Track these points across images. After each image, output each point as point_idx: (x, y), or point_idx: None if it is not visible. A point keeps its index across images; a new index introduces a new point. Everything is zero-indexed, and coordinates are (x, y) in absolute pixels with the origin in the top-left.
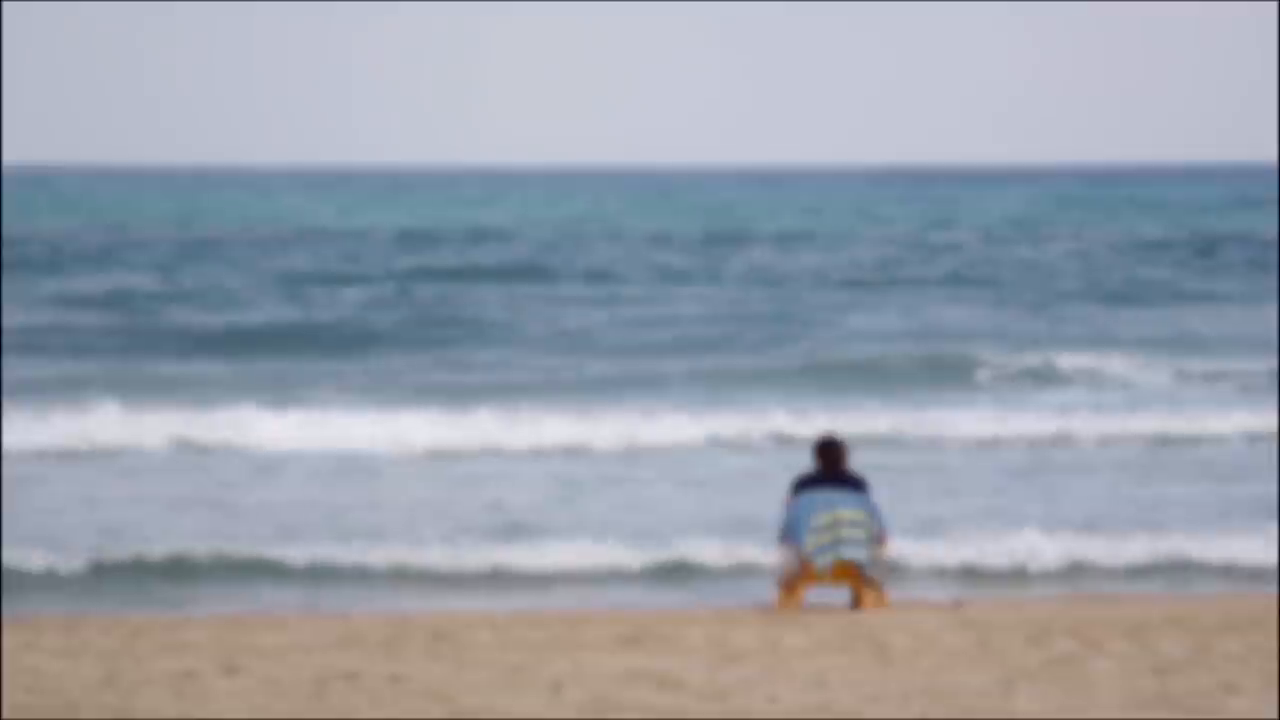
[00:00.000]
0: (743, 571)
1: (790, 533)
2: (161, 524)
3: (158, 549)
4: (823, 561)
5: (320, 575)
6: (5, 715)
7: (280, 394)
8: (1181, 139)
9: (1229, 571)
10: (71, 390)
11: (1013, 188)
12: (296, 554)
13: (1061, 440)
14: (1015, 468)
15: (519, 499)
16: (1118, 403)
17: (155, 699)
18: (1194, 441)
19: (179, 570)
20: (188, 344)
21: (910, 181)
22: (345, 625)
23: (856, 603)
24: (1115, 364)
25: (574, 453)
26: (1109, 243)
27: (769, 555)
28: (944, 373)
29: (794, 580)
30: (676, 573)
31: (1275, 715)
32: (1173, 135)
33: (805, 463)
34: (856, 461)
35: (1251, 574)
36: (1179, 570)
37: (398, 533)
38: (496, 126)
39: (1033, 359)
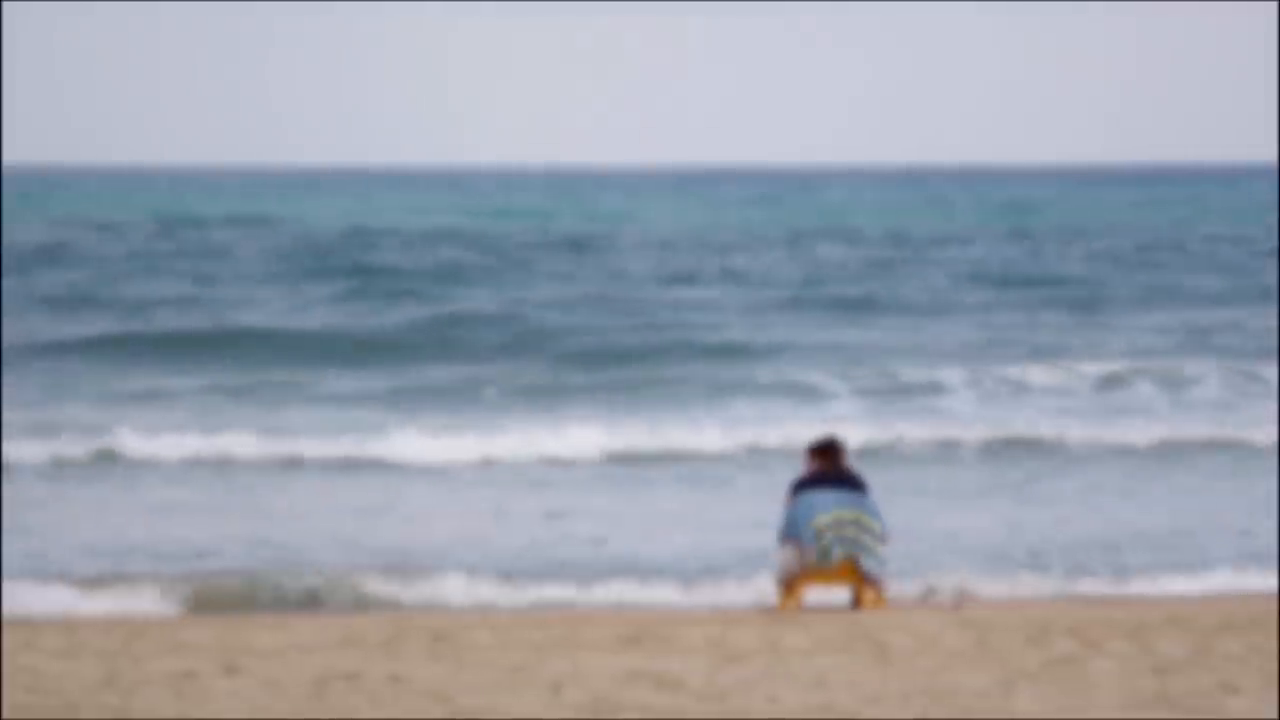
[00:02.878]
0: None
1: (790, 532)
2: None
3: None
4: (828, 558)
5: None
6: (5, 715)
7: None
8: (1182, 139)
9: None
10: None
11: (1011, 187)
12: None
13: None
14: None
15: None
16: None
17: (155, 699)
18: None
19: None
20: (184, 349)
21: (911, 180)
22: (345, 625)
23: (856, 603)
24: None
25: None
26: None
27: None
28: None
29: (794, 580)
30: None
31: (1275, 715)
32: (1174, 135)
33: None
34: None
35: None
36: None
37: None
38: (506, 128)
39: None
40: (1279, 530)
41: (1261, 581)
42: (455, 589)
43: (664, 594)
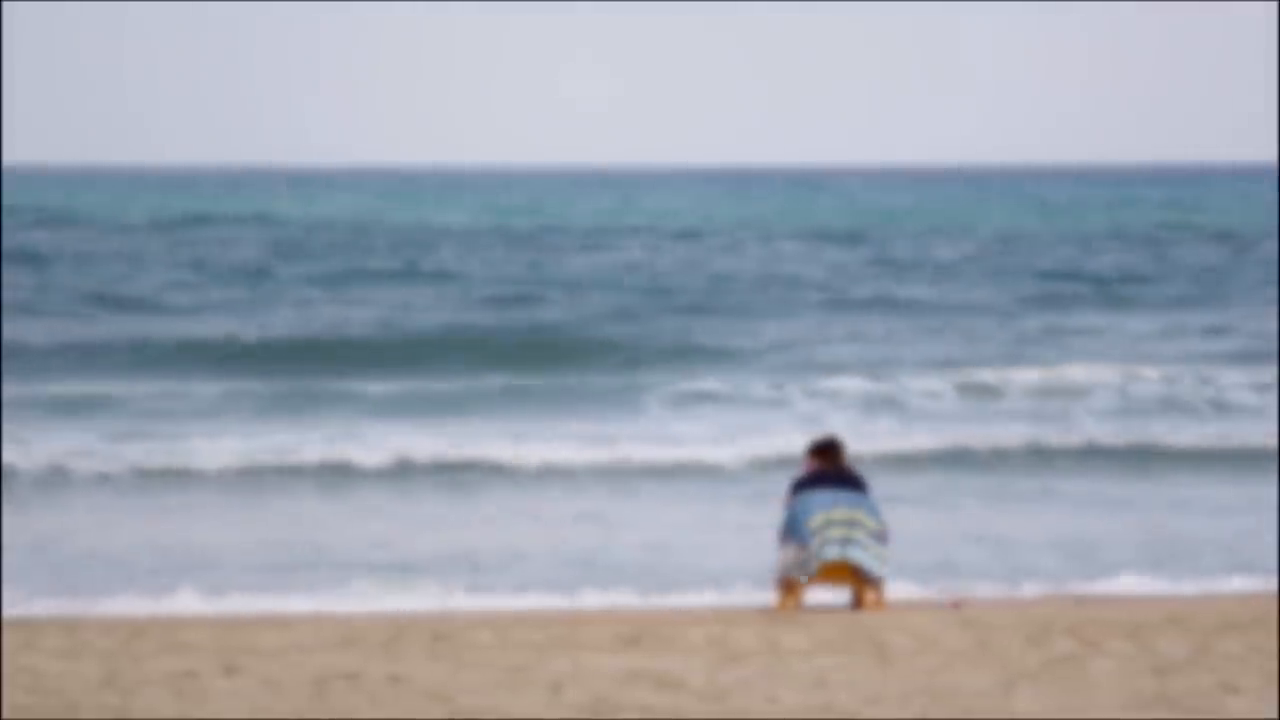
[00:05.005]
0: None
1: (791, 532)
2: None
3: None
4: (827, 558)
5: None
6: (5, 715)
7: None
8: (1182, 139)
9: None
10: (75, 409)
11: (1013, 188)
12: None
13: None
14: None
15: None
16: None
17: (155, 699)
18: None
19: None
20: (184, 358)
21: (911, 182)
22: (345, 625)
23: (856, 603)
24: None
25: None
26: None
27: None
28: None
29: (794, 580)
30: None
31: (1275, 715)
32: (1174, 135)
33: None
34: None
35: None
36: None
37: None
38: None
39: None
40: (1279, 531)
41: (1261, 582)
42: (460, 593)
43: (664, 594)
